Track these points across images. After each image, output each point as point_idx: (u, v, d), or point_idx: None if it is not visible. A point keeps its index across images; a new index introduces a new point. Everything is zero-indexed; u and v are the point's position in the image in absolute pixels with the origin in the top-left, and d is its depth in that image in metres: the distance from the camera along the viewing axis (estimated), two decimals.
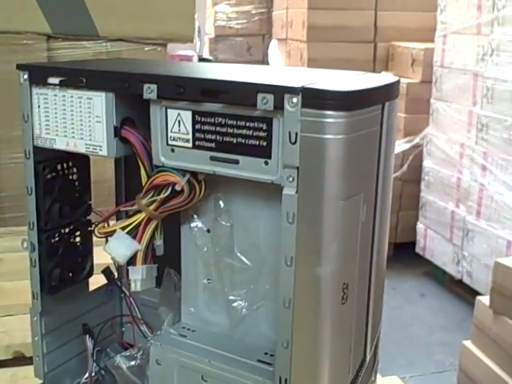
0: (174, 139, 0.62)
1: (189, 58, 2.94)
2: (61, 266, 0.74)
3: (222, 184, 0.65)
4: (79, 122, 0.65)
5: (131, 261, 0.66)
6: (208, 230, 0.68)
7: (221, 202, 0.66)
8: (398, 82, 0.62)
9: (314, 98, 0.53)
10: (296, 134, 0.54)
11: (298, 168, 0.54)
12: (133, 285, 0.66)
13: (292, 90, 0.53)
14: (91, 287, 0.83)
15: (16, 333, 0.99)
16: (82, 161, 0.74)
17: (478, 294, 2.44)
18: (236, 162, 0.59)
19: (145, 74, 0.61)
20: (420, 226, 3.08)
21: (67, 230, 0.75)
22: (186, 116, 0.60)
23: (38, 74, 0.66)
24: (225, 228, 0.66)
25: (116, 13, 1.43)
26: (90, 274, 0.79)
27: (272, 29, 4.02)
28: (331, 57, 3.34)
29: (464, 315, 2.58)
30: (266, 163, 0.57)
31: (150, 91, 0.60)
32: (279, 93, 0.54)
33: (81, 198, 0.76)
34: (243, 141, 0.58)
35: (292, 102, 0.53)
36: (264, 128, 0.57)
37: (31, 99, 0.67)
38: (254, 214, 0.65)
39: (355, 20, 3.32)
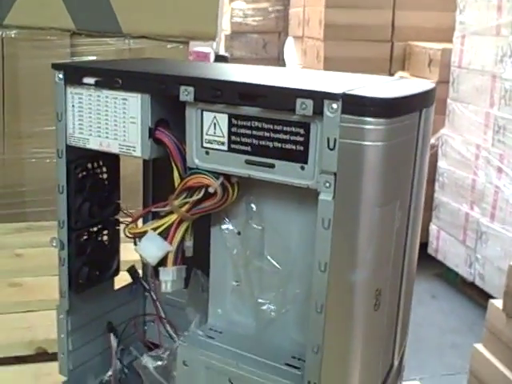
0: (209, 142, 0.62)
1: (205, 55, 2.94)
2: (88, 264, 0.75)
3: (254, 187, 0.65)
4: (113, 123, 0.65)
5: (162, 262, 0.66)
6: (239, 233, 0.68)
7: (253, 205, 0.66)
8: (434, 89, 0.62)
9: (355, 105, 0.52)
10: (335, 139, 0.54)
11: (335, 174, 0.54)
12: (163, 286, 0.66)
13: (332, 96, 0.53)
14: (116, 284, 0.84)
15: (38, 329, 0.99)
16: (112, 160, 0.75)
17: (490, 296, 2.43)
18: (272, 165, 0.59)
19: (182, 76, 0.61)
20: (433, 228, 3.07)
21: (96, 229, 0.75)
22: (222, 119, 0.60)
23: (74, 74, 0.66)
24: (256, 231, 0.66)
25: (139, 10, 1.43)
26: (117, 272, 0.79)
27: (288, 26, 4.02)
28: (348, 55, 3.33)
29: (476, 318, 2.57)
30: (303, 168, 0.57)
31: (186, 93, 0.60)
32: (319, 98, 0.54)
33: (110, 197, 0.76)
34: (280, 145, 0.58)
35: (332, 108, 0.53)
36: (301, 133, 0.57)
37: (65, 98, 0.67)
38: (285, 217, 0.65)
39: (373, 19, 3.31)
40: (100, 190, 0.74)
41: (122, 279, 0.85)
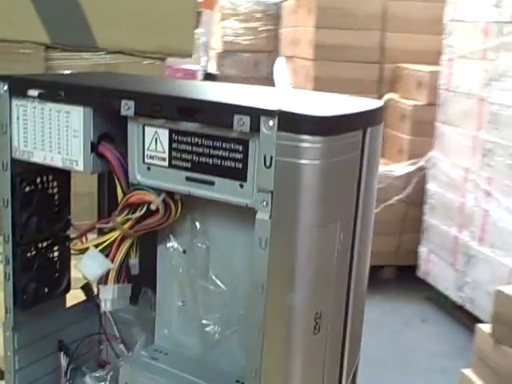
0: (150, 157, 0.60)
1: (193, 73, 2.94)
2: (36, 280, 0.73)
3: (199, 204, 0.64)
4: (57, 136, 0.64)
5: (103, 279, 0.64)
6: (184, 251, 0.66)
7: (197, 223, 0.64)
8: (381, 108, 0.61)
9: (291, 122, 0.51)
10: (271, 157, 0.52)
11: (272, 192, 0.53)
12: (103, 304, 0.64)
13: (268, 113, 0.52)
14: (72, 301, 0.82)
15: None
16: (61, 174, 0.73)
17: (480, 321, 2.40)
18: (211, 183, 0.57)
19: (123, 90, 0.60)
20: (423, 250, 3.05)
21: (44, 245, 0.74)
22: (163, 134, 0.59)
23: (18, 86, 0.65)
24: (201, 250, 0.64)
25: (115, 25, 1.43)
26: (67, 290, 0.77)
27: (279, 46, 4.03)
28: (337, 76, 3.34)
29: (466, 342, 2.54)
30: (242, 186, 0.56)
31: (127, 108, 0.59)
32: (255, 115, 0.52)
33: (60, 212, 0.74)
34: (219, 162, 0.57)
35: (268, 125, 0.52)
36: (240, 150, 0.55)
37: (10, 110, 0.66)
38: (230, 236, 0.63)
39: (362, 40, 3.32)
40: (49, 205, 0.73)
41: (78, 296, 0.83)
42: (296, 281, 0.53)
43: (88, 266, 0.63)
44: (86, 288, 0.84)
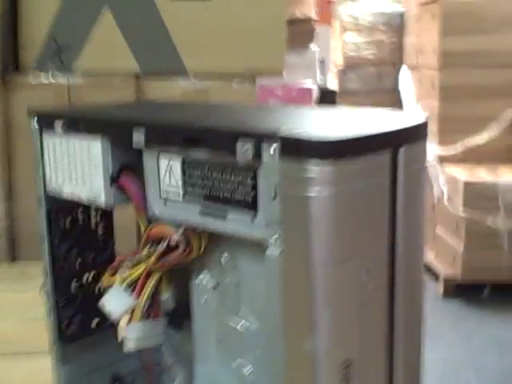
0: (166, 191, 0.57)
1: (309, 91, 2.89)
2: (81, 313, 0.72)
3: (226, 237, 0.59)
4: (81, 170, 0.62)
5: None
6: (214, 287, 0.61)
7: (225, 257, 0.59)
8: (421, 123, 0.53)
9: (293, 147, 0.45)
10: (275, 187, 0.46)
11: (280, 227, 0.47)
12: (125, 344, 0.61)
13: (269, 137, 0.46)
14: None
15: None
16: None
17: None
18: (224, 216, 0.52)
19: (131, 120, 0.57)
20: None
21: (89, 277, 0.72)
22: (176, 166, 0.55)
23: (46, 120, 0.64)
24: (230, 286, 0.59)
25: (203, 48, 1.42)
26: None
27: (403, 56, 3.88)
28: (465, 83, 3.13)
29: None
30: (253, 219, 0.50)
31: (138, 138, 0.55)
32: (257, 140, 0.47)
33: (104, 244, 0.73)
34: (230, 194, 0.52)
35: (269, 152, 0.46)
36: (249, 180, 0.50)
37: (42, 146, 0.66)
38: (259, 271, 0.57)
39: (493, 44, 3.10)
40: (91, 237, 0.71)
41: None
42: (313, 324, 0.47)
43: (110, 303, 0.60)
44: None
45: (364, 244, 0.48)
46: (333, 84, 3.83)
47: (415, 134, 0.52)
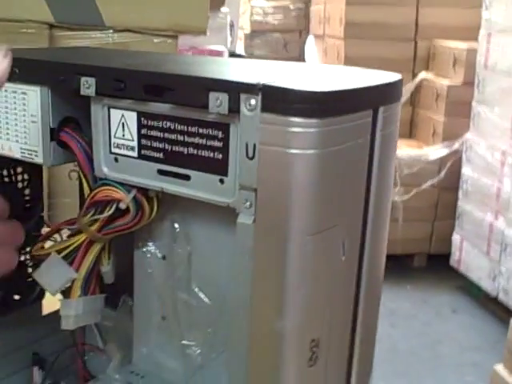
0: (117, 146, 0.50)
1: (218, 54, 2.83)
2: (4, 288, 0.64)
3: (179, 202, 0.53)
4: (14, 122, 0.54)
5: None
6: (163, 257, 0.56)
7: (177, 225, 0.54)
8: (398, 82, 0.49)
9: (277, 100, 0.40)
10: (254, 145, 0.42)
11: (256, 190, 0.42)
12: (63, 322, 0.54)
13: (249, 89, 0.41)
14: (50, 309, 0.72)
15: None
16: (32, 166, 0.63)
17: None
18: (187, 177, 0.47)
19: (82, 64, 0.49)
20: (456, 238, 2.91)
21: None
22: (131, 118, 0.49)
23: None
24: (181, 256, 0.54)
25: (123, 2, 1.32)
26: (41, 296, 0.68)
27: (309, 25, 3.89)
28: (369, 55, 3.18)
29: (499, 335, 2.41)
30: (222, 181, 0.45)
31: (87, 86, 0.48)
32: (235, 92, 0.42)
33: (31, 209, 0.65)
34: (195, 152, 0.46)
35: (250, 105, 0.41)
36: (219, 137, 0.45)
37: None
38: (216, 241, 0.52)
39: (395, 16, 3.16)
40: (17, 201, 0.63)
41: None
42: (286, 300, 0.42)
43: (47, 275, 0.53)
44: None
45: (345, 210, 0.45)
46: (239, 49, 3.78)
47: (395, 93, 0.49)
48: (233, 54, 3.22)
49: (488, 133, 2.66)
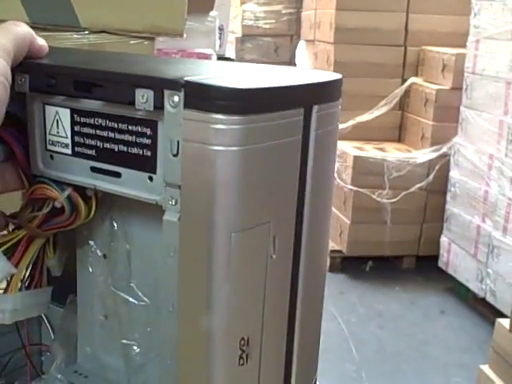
0: (52, 143, 0.50)
1: (207, 57, 2.82)
2: None
3: (118, 201, 0.53)
4: None
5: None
6: (104, 256, 0.55)
7: (115, 223, 0.53)
8: (335, 82, 0.49)
9: (200, 97, 0.40)
10: (178, 143, 0.41)
11: (180, 187, 0.42)
12: (1, 316, 0.54)
13: (173, 85, 0.41)
14: None
15: None
16: None
17: (502, 314, 2.27)
18: (118, 175, 0.47)
19: None
20: (444, 240, 2.92)
21: None
22: (65, 115, 0.48)
23: None
24: (121, 255, 0.54)
25: (99, 3, 1.32)
26: None
27: (300, 29, 3.89)
28: (359, 60, 3.19)
29: (486, 336, 2.40)
30: (151, 179, 0.45)
31: (20, 83, 0.48)
32: (159, 88, 0.41)
33: None
34: (125, 149, 0.46)
35: (173, 102, 0.41)
36: (148, 134, 0.44)
37: None
38: (151, 239, 0.52)
39: (385, 22, 3.17)
40: None
41: None
42: (213, 298, 0.42)
43: None
44: None
45: (272, 208, 0.44)
46: (230, 53, 3.78)
47: (332, 93, 0.48)
48: (221, 58, 3.22)
49: (476, 137, 2.66)
